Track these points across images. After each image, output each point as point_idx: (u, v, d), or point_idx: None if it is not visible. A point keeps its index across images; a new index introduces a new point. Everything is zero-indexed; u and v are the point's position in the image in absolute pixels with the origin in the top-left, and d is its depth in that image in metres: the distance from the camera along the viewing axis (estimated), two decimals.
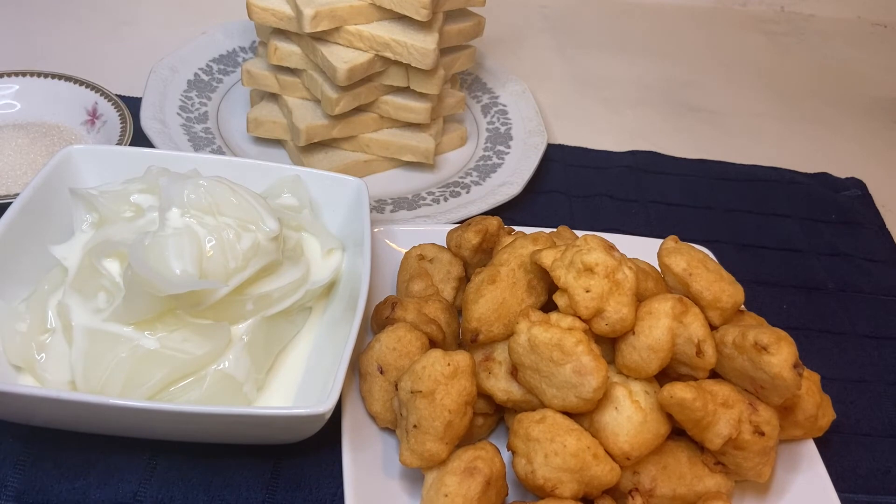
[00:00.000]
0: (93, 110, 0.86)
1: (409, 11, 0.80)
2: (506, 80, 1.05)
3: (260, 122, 0.88)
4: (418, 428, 0.57)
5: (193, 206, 0.63)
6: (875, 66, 1.32)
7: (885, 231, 0.96)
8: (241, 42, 1.02)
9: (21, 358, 0.61)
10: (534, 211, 0.90)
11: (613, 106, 1.12)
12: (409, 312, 0.65)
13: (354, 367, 0.65)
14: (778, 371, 0.58)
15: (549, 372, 0.58)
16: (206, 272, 0.61)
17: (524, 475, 0.57)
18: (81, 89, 0.87)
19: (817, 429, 0.66)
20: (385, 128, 0.90)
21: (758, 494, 0.64)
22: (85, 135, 0.86)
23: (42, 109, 0.87)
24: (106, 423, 0.58)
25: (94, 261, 0.62)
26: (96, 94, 0.86)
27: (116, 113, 0.85)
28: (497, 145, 0.96)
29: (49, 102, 0.87)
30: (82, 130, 0.86)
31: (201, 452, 0.62)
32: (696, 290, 0.63)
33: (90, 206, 0.67)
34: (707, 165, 1.02)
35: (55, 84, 0.88)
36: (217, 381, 0.60)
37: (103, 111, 0.85)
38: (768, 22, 1.40)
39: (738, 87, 1.21)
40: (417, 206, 0.85)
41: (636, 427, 0.58)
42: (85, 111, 0.86)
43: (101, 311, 0.60)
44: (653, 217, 0.93)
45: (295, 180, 0.73)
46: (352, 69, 0.80)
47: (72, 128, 0.86)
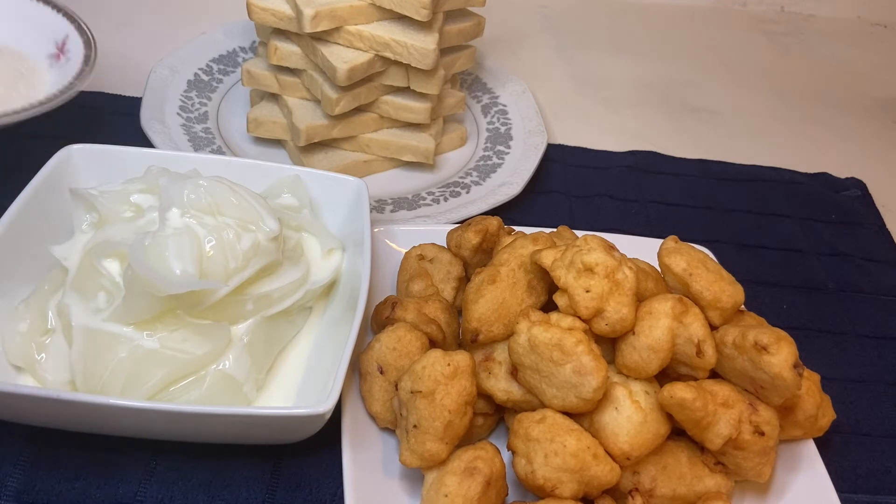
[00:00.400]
0: (62, 44, 0.77)
1: (409, 11, 0.80)
2: (506, 80, 1.05)
3: (260, 122, 0.88)
4: (418, 428, 0.57)
5: (193, 206, 0.63)
6: (875, 66, 1.32)
7: (885, 231, 0.96)
8: (241, 42, 1.02)
9: (21, 358, 0.61)
10: (534, 211, 0.90)
11: (613, 106, 1.13)
12: (409, 312, 0.65)
13: (354, 367, 0.65)
14: (778, 371, 0.58)
15: (549, 372, 0.58)
16: (206, 272, 0.61)
17: (524, 475, 0.57)
18: (55, 15, 0.78)
19: (817, 429, 0.66)
20: (385, 128, 0.90)
21: (758, 494, 0.64)
22: (46, 69, 0.76)
23: (7, 32, 0.77)
24: (106, 423, 0.58)
25: (94, 261, 0.62)
26: (70, 25, 0.77)
27: (83, 52, 0.75)
28: (497, 145, 0.96)
29: (18, 23, 0.77)
30: (45, 65, 0.77)
31: (201, 452, 0.62)
32: (696, 290, 0.63)
33: (90, 206, 0.67)
34: (707, 165, 1.02)
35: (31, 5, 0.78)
36: (217, 381, 0.60)
37: (72, 47, 0.76)
38: (768, 22, 1.40)
39: (738, 87, 1.21)
40: (417, 206, 0.85)
41: (636, 427, 0.58)
42: (54, 43, 0.77)
43: (101, 311, 0.60)
44: (653, 217, 0.93)
45: (295, 180, 0.73)
46: (352, 69, 0.80)
47: (34, 61, 0.77)
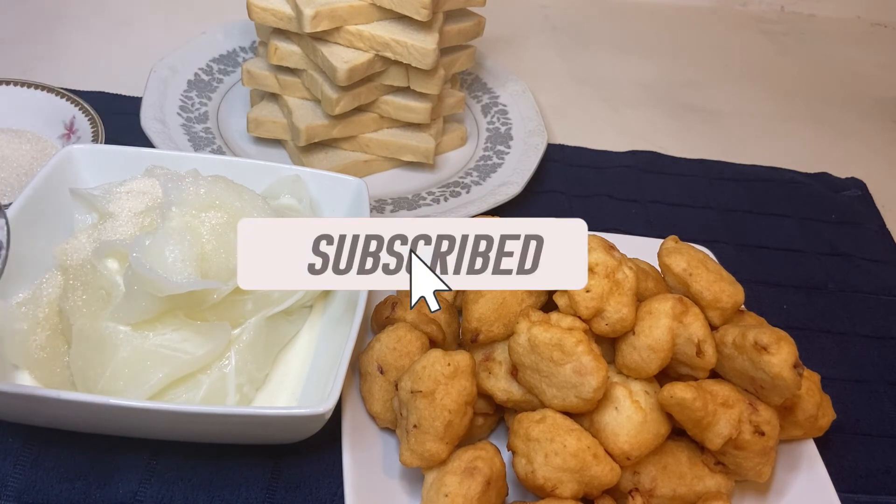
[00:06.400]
0: (70, 124, 0.85)
1: (410, 11, 0.80)
2: (506, 80, 1.05)
3: (260, 122, 0.88)
4: (418, 428, 0.57)
5: (193, 206, 0.63)
6: (875, 66, 1.32)
7: (885, 231, 0.96)
8: (241, 42, 1.02)
9: (21, 358, 0.61)
10: (534, 211, 0.90)
11: (613, 106, 1.12)
12: (409, 312, 0.65)
13: (354, 367, 0.65)
14: (778, 371, 0.58)
15: (549, 372, 0.58)
16: (206, 272, 0.61)
17: (524, 475, 0.57)
18: (61, 101, 0.86)
19: (817, 429, 0.66)
20: (385, 128, 0.90)
21: (758, 494, 0.64)
22: (59, 147, 0.83)
23: (21, 119, 0.86)
24: (106, 423, 0.58)
25: (94, 261, 0.62)
26: (74, 108, 0.85)
27: (91, 129, 0.83)
28: (497, 145, 0.96)
29: (28, 112, 0.86)
30: (58, 144, 0.85)
31: (201, 452, 0.62)
32: (696, 290, 0.63)
33: (90, 206, 0.67)
34: (707, 165, 1.02)
35: (34, 94, 0.87)
36: (217, 381, 0.60)
37: (80, 126, 0.84)
38: (768, 22, 1.40)
39: (738, 87, 1.21)
40: (417, 206, 0.85)
41: (636, 427, 0.58)
42: (63, 125, 0.85)
43: (101, 311, 0.60)
44: (653, 217, 0.93)
45: (295, 180, 0.73)
46: (352, 69, 0.80)
47: (49, 141, 0.85)
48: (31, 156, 0.82)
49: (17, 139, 0.83)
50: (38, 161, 0.81)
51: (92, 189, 0.67)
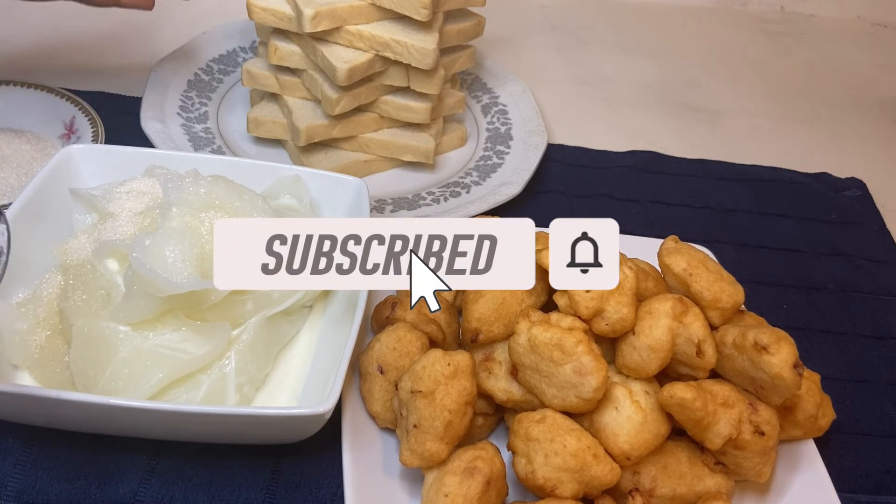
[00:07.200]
0: (70, 124, 0.85)
1: (409, 11, 0.80)
2: (506, 80, 1.05)
3: (260, 122, 0.88)
4: (418, 428, 0.57)
5: (193, 206, 0.63)
6: (875, 66, 1.32)
7: (885, 231, 0.96)
8: (241, 42, 1.02)
9: (21, 358, 0.61)
10: (534, 211, 0.90)
11: (613, 106, 1.12)
12: (409, 312, 0.65)
13: (354, 367, 0.65)
14: (778, 371, 0.58)
15: (549, 372, 0.58)
16: (206, 272, 0.61)
17: (524, 475, 0.57)
18: (61, 101, 0.86)
19: (817, 429, 0.66)
20: (385, 128, 0.90)
21: (758, 494, 0.64)
22: (59, 147, 0.83)
23: (21, 119, 0.86)
24: (106, 423, 0.58)
25: (94, 261, 0.62)
26: (74, 108, 0.86)
27: (91, 129, 0.83)
28: (497, 145, 0.96)
29: (28, 112, 0.86)
30: (58, 144, 0.85)
31: (201, 452, 0.62)
32: (696, 290, 0.63)
33: (90, 206, 0.67)
34: (707, 165, 1.02)
35: (34, 94, 0.87)
36: (217, 381, 0.60)
37: (79, 126, 0.84)
38: (768, 22, 1.40)
39: (738, 87, 1.21)
40: (417, 206, 0.85)
41: (636, 427, 0.58)
42: (62, 125, 0.85)
43: (101, 311, 0.60)
44: (653, 217, 0.93)
45: (295, 180, 0.73)
46: (352, 69, 0.80)
47: (49, 141, 0.85)
48: (31, 156, 0.82)
49: (17, 139, 0.83)
50: (38, 161, 0.81)
51: (92, 189, 0.67)
